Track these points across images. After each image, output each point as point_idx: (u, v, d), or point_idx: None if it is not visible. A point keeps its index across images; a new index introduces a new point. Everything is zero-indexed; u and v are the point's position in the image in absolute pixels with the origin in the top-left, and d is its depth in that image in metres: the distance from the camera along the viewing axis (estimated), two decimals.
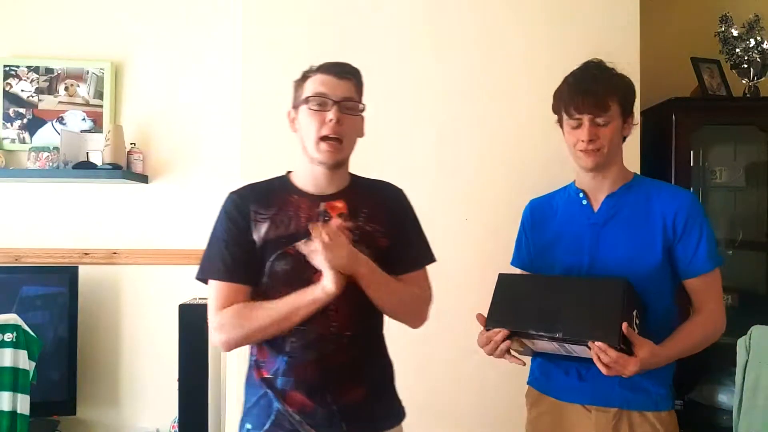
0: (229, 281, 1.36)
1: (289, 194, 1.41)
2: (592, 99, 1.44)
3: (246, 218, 1.38)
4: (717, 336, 1.49)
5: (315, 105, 1.37)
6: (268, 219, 1.37)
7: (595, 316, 1.36)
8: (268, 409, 1.37)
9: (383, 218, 1.43)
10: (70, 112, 2.68)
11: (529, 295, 1.50)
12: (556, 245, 1.60)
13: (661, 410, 1.49)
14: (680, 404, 2.55)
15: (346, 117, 1.37)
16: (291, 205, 1.39)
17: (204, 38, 2.74)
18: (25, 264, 2.64)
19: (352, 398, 1.37)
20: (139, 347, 2.68)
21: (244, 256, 1.37)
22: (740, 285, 2.78)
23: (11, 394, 1.95)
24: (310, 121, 1.36)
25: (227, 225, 1.39)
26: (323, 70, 1.40)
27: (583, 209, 1.57)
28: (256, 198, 1.41)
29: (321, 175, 1.40)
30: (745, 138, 2.85)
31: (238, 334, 1.34)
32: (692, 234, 1.48)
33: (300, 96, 1.41)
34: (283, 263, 1.35)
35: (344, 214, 1.38)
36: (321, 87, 1.37)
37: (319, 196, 1.41)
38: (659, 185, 1.59)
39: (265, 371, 1.38)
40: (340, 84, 1.38)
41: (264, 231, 1.37)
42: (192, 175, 2.73)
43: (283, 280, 1.35)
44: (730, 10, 2.79)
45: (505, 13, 2.39)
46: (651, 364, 1.36)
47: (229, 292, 1.36)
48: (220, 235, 1.40)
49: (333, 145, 1.36)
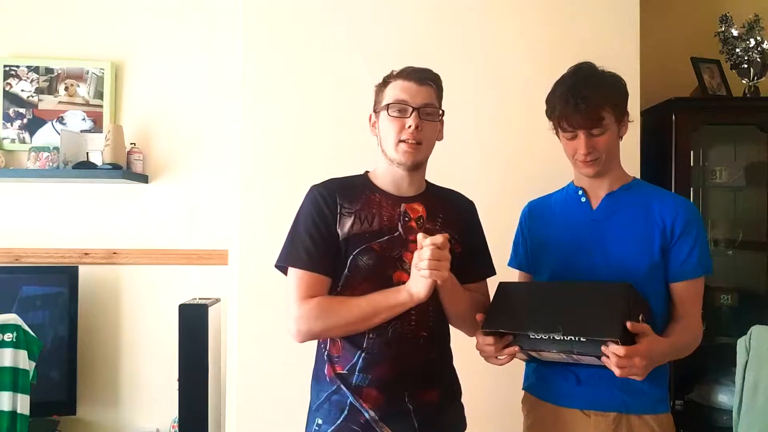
0: (312, 271, 1.37)
1: (371, 192, 1.44)
2: (584, 114, 1.42)
3: (333, 211, 1.40)
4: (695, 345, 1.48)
5: (395, 111, 1.40)
6: (353, 214, 1.40)
7: (598, 315, 1.35)
8: (341, 405, 1.37)
9: (457, 225, 1.48)
10: (70, 112, 2.68)
11: (529, 300, 1.50)
12: (553, 242, 1.60)
13: (659, 413, 1.48)
14: (680, 404, 2.55)
15: (425, 123, 1.41)
16: (374, 203, 1.42)
17: (204, 38, 2.74)
18: (25, 264, 2.64)
19: (427, 399, 1.41)
20: (139, 347, 2.68)
21: (328, 248, 1.38)
22: (740, 285, 2.78)
23: (11, 394, 1.95)
24: (390, 127, 1.40)
25: (314, 215, 1.40)
26: (404, 76, 1.43)
27: (582, 206, 1.57)
28: (342, 192, 1.43)
29: (400, 176, 1.44)
30: (745, 138, 2.85)
31: (319, 326, 1.35)
32: (688, 238, 1.47)
33: (381, 101, 1.45)
34: (366, 258, 1.37)
35: (422, 217, 1.44)
36: (401, 94, 1.40)
37: (399, 197, 1.45)
38: (660, 190, 1.59)
39: (339, 366, 1.39)
40: (420, 90, 1.41)
41: (348, 225, 1.39)
42: (192, 175, 2.73)
43: (364, 274, 1.38)
44: (730, 10, 2.79)
45: (505, 14, 2.39)
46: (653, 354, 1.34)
47: (312, 282, 1.37)
48: (306, 224, 1.40)
49: (412, 145, 1.39)
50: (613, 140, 1.48)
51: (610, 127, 1.46)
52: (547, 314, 1.40)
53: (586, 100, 1.42)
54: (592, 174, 1.50)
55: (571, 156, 1.51)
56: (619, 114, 1.48)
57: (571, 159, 1.52)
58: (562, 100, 1.45)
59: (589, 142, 1.45)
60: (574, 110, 1.42)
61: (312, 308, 1.34)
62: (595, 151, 1.46)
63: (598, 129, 1.44)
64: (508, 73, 2.37)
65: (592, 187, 1.57)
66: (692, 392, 2.61)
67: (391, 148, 1.40)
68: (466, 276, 1.46)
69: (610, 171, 1.53)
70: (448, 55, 2.37)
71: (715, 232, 2.80)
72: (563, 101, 1.45)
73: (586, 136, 1.44)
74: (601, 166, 1.49)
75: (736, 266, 2.85)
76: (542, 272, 1.63)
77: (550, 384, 1.55)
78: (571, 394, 1.51)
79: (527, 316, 1.43)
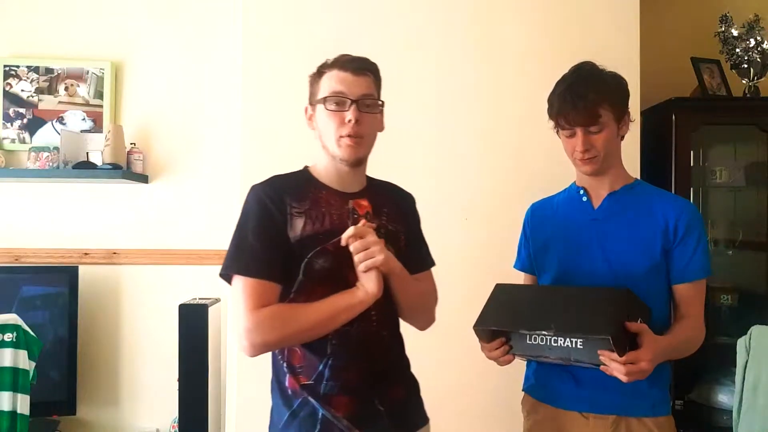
0: (262, 278, 1.27)
1: (318, 189, 1.37)
2: (582, 111, 1.43)
3: (282, 212, 1.32)
4: (700, 343, 1.48)
5: (333, 105, 1.33)
6: (303, 214, 1.32)
7: (592, 315, 1.35)
8: (312, 419, 1.29)
9: (402, 219, 1.45)
10: (70, 112, 2.68)
11: (524, 300, 1.50)
12: (555, 241, 1.60)
13: (658, 415, 1.48)
14: (680, 404, 2.55)
15: (365, 115, 1.34)
16: (322, 201, 1.36)
17: (204, 38, 2.74)
18: (25, 264, 2.64)
19: (395, 396, 1.37)
20: (139, 347, 2.68)
21: (277, 252, 1.29)
22: (740, 285, 2.78)
23: (11, 394, 1.95)
24: (328, 121, 1.33)
25: (261, 218, 1.31)
26: (339, 66, 1.36)
27: (584, 206, 1.57)
28: (289, 191, 1.35)
29: (345, 172, 1.38)
30: (745, 138, 2.85)
31: (275, 336, 1.26)
32: (691, 240, 1.47)
33: (316, 93, 1.37)
34: (322, 261, 1.30)
35: (369, 213, 1.39)
36: (338, 85, 1.33)
37: (345, 193, 1.39)
38: (662, 192, 1.59)
39: (303, 377, 1.31)
40: (358, 81, 1.35)
41: (300, 227, 1.31)
42: (192, 175, 2.73)
43: (321, 277, 1.30)
44: (730, 10, 2.79)
45: (505, 14, 2.39)
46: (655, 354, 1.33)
47: (263, 290, 1.27)
48: (253, 228, 1.31)
49: (353, 141, 1.33)
50: (611, 139, 1.48)
51: (608, 126, 1.46)
52: (540, 313, 1.40)
53: (583, 98, 1.43)
54: (590, 172, 1.51)
55: (570, 154, 1.52)
56: (618, 113, 1.48)
57: (570, 157, 1.53)
58: (561, 98, 1.47)
59: (586, 139, 1.45)
60: (571, 108, 1.44)
61: (266, 318, 1.25)
62: (593, 149, 1.46)
63: (595, 127, 1.45)
64: (509, 73, 2.37)
65: (593, 187, 1.57)
66: (692, 392, 2.61)
67: (332, 143, 1.34)
68: (412, 267, 1.42)
69: (610, 170, 1.53)
70: (448, 55, 2.37)
71: (715, 232, 2.80)
72: (561, 99, 1.46)
73: (583, 133, 1.45)
74: (599, 165, 1.49)
75: (736, 266, 2.85)
76: (544, 272, 1.64)
77: (549, 386, 1.56)
78: (569, 397, 1.51)
79: (520, 315, 1.43)
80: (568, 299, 1.45)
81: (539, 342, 1.38)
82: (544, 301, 1.48)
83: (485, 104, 2.36)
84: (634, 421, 1.46)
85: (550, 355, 1.38)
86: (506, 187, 2.32)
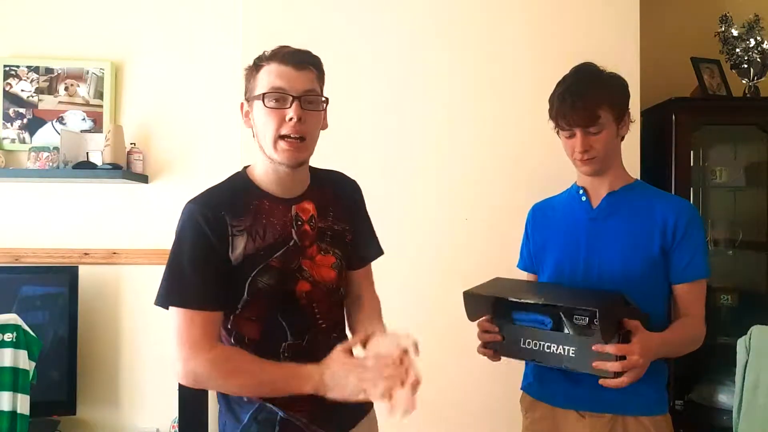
0: (204, 310, 1.19)
1: (258, 199, 1.28)
2: (581, 112, 1.44)
3: (222, 235, 1.22)
4: (700, 342, 1.48)
5: (272, 102, 1.21)
6: (245, 231, 1.23)
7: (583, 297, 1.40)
8: (270, 422, 1.26)
9: (349, 214, 1.39)
10: (70, 112, 2.68)
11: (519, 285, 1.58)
12: (554, 240, 1.62)
13: (655, 414, 1.48)
14: (680, 404, 2.55)
15: (308, 113, 1.23)
16: (263, 212, 1.27)
17: (204, 38, 2.74)
18: (25, 264, 2.64)
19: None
20: (139, 347, 2.67)
21: (217, 279, 1.21)
22: (740, 285, 2.78)
23: (11, 394, 1.95)
24: (267, 120, 1.22)
25: (199, 243, 1.21)
26: (279, 59, 1.23)
27: (582, 205, 1.58)
28: (228, 207, 1.24)
29: (285, 176, 1.28)
30: (745, 138, 2.85)
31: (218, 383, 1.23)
32: (691, 240, 1.48)
33: (253, 89, 1.26)
34: (267, 278, 1.24)
35: (314, 217, 1.31)
36: (278, 80, 1.21)
37: (286, 199, 1.30)
38: (661, 192, 1.60)
39: None
40: (300, 76, 1.23)
41: (242, 246, 1.22)
42: (192, 175, 2.73)
43: (265, 295, 1.24)
44: (730, 10, 2.79)
45: (505, 14, 2.39)
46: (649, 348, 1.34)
47: (204, 321, 1.19)
48: (189, 256, 1.21)
49: (294, 143, 1.22)
50: (610, 139, 1.49)
51: (607, 126, 1.47)
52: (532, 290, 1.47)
53: (582, 99, 1.44)
54: (590, 172, 1.52)
55: (570, 154, 1.53)
56: (617, 114, 1.48)
57: (570, 157, 1.54)
58: (560, 99, 1.48)
59: (585, 140, 1.46)
60: (570, 109, 1.45)
61: (215, 362, 1.18)
62: (592, 150, 1.47)
63: (594, 128, 1.45)
64: (509, 73, 2.37)
65: (593, 187, 1.58)
66: (692, 392, 2.61)
67: (270, 145, 1.22)
68: (356, 262, 1.40)
69: (610, 170, 1.54)
70: (448, 55, 2.37)
71: (715, 232, 2.80)
72: (561, 100, 1.47)
73: (582, 134, 1.46)
74: (599, 165, 1.50)
75: (736, 266, 2.85)
76: (544, 271, 1.64)
77: (547, 384, 1.57)
78: (566, 395, 1.52)
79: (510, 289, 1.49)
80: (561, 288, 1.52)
81: (532, 347, 1.41)
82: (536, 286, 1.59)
83: (485, 104, 2.36)
84: (630, 419, 1.46)
85: (543, 361, 1.42)
86: (506, 188, 2.32)
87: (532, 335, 1.42)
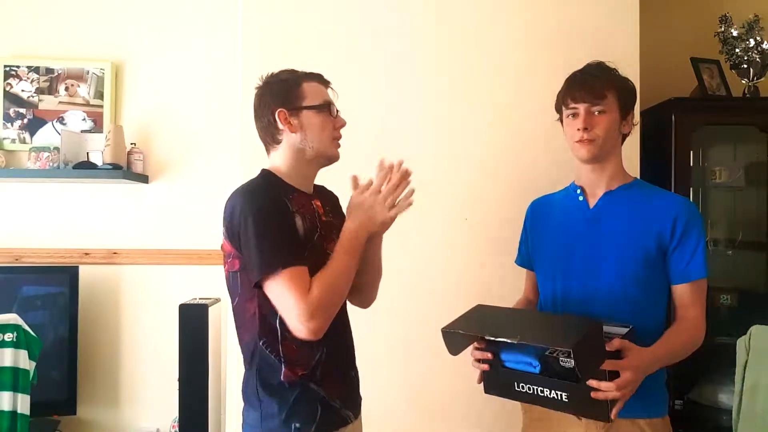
0: (302, 265, 1.35)
1: (292, 193, 1.46)
2: (589, 88, 1.48)
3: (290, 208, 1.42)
4: (698, 344, 1.48)
5: (328, 111, 1.49)
6: (297, 213, 1.43)
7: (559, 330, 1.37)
8: (313, 404, 1.40)
9: (339, 214, 1.58)
10: (70, 112, 2.68)
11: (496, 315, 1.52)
12: (550, 239, 1.62)
13: (653, 417, 1.48)
14: (680, 404, 2.55)
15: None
16: (301, 202, 1.46)
17: (204, 38, 2.74)
18: (25, 264, 2.64)
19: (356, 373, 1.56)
20: (139, 347, 2.68)
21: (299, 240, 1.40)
22: (740, 285, 2.78)
23: (11, 394, 1.95)
24: (323, 126, 1.48)
25: (284, 211, 1.40)
26: (313, 78, 1.50)
27: (580, 205, 1.58)
28: (282, 192, 1.44)
29: (312, 174, 1.53)
30: (745, 138, 2.85)
31: (333, 309, 1.37)
32: (690, 240, 1.47)
33: (299, 99, 1.47)
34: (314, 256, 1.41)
35: (325, 212, 1.53)
36: (325, 95, 1.50)
37: (309, 194, 1.52)
38: (661, 190, 1.59)
39: (300, 369, 1.40)
40: (329, 92, 1.52)
41: (301, 224, 1.42)
42: (192, 175, 2.73)
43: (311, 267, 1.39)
44: (730, 10, 2.79)
45: (504, 15, 2.39)
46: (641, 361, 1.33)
47: (304, 274, 1.35)
48: (280, 222, 1.38)
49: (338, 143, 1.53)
50: (612, 126, 1.49)
51: (611, 110, 1.48)
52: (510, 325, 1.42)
53: (592, 78, 1.50)
54: (587, 157, 1.50)
55: (570, 137, 1.52)
56: (622, 103, 1.50)
57: (570, 141, 1.53)
58: (571, 78, 1.54)
59: (588, 118, 1.48)
60: (580, 85, 1.49)
61: (319, 297, 1.32)
62: (593, 130, 1.47)
63: (598, 106, 1.47)
64: (508, 73, 2.37)
65: (591, 186, 1.58)
66: (692, 392, 2.60)
67: (328, 144, 1.49)
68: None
69: (608, 164, 1.53)
70: (447, 55, 2.37)
71: (715, 232, 2.81)
72: (571, 79, 1.54)
73: (586, 112, 1.48)
74: (597, 150, 1.49)
75: (736, 266, 2.85)
76: (540, 269, 1.64)
77: None
78: None
79: (487, 324, 1.44)
80: (541, 319, 1.49)
81: (527, 390, 1.39)
82: (516, 318, 1.53)
83: (485, 104, 2.36)
84: (626, 422, 1.45)
85: (544, 405, 1.39)
86: (506, 187, 2.32)
87: (524, 379, 1.39)
